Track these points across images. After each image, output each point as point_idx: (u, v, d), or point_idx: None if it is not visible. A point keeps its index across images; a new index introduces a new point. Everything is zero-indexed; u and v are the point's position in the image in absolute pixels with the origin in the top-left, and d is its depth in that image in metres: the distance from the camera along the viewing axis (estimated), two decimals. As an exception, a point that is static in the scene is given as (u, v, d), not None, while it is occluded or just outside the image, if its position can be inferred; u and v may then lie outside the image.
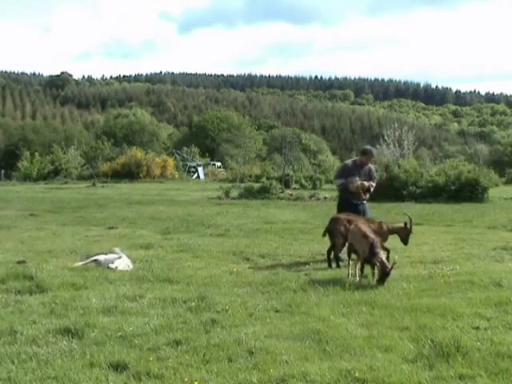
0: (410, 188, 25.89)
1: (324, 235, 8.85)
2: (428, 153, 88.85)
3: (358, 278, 7.25)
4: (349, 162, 9.91)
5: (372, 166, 9.70)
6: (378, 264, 6.92)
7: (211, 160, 78.40)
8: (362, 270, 7.21)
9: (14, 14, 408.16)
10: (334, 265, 8.39)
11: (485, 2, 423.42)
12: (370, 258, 7.01)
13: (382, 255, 7.05)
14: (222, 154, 71.80)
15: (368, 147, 9.98)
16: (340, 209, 9.43)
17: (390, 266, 6.87)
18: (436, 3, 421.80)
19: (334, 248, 8.46)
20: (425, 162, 62.97)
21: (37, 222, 15.21)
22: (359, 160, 9.56)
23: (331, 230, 8.64)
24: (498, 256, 9.25)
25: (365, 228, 7.55)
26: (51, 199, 26.15)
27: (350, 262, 7.64)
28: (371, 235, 7.28)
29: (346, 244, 8.09)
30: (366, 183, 9.24)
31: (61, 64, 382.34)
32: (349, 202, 9.32)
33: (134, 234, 12.50)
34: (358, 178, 9.25)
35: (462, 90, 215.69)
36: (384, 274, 6.86)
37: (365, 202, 9.45)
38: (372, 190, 9.42)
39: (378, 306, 5.83)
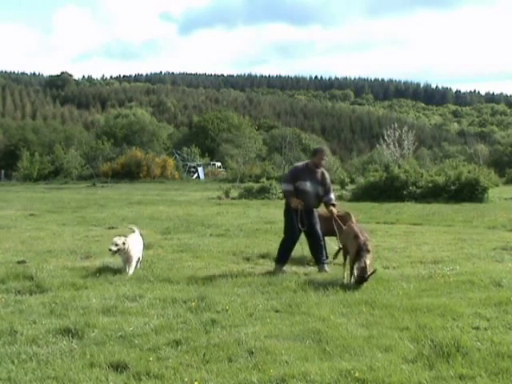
0: (410, 188, 25.92)
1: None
2: (428, 153, 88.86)
3: (346, 279, 7.21)
4: (300, 164, 8.85)
5: (325, 172, 8.51)
6: (359, 266, 6.92)
7: (211, 160, 78.38)
8: (351, 270, 7.18)
9: (15, 14, 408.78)
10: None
11: (484, 3, 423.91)
12: (355, 258, 7.02)
13: (367, 259, 6.98)
14: (222, 154, 71.85)
15: (318, 146, 8.67)
16: (287, 216, 8.38)
17: (368, 273, 6.82)
18: (436, 4, 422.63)
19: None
20: (425, 162, 63.07)
21: (37, 222, 15.21)
22: (311, 162, 8.44)
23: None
24: (498, 256, 9.24)
25: (357, 229, 7.57)
26: (51, 199, 26.16)
27: (346, 264, 7.63)
28: (361, 237, 7.30)
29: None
30: (334, 211, 8.34)
31: (61, 64, 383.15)
32: (295, 210, 8.22)
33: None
34: (309, 184, 8.20)
35: (462, 90, 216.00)
36: (360, 279, 6.84)
37: (315, 211, 8.46)
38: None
39: (378, 306, 5.83)
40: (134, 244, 7.86)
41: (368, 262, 6.94)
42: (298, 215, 8.17)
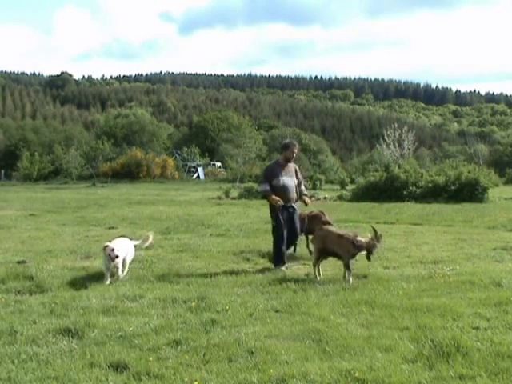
0: (410, 188, 25.90)
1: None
2: (428, 153, 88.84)
3: (350, 279, 7.14)
4: (271, 163, 9.30)
5: (297, 166, 8.86)
6: (362, 248, 7.16)
7: (211, 160, 78.37)
8: (349, 268, 7.18)
9: (15, 14, 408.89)
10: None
11: (484, 3, 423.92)
12: (355, 252, 7.18)
13: (361, 239, 7.23)
14: (222, 154, 71.81)
15: (288, 140, 9.19)
16: (272, 216, 8.61)
17: (370, 240, 7.12)
18: (435, 4, 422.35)
19: None
20: (425, 162, 63.05)
21: (37, 222, 15.21)
22: (282, 158, 8.70)
23: None
24: (497, 256, 9.24)
25: (335, 229, 7.71)
26: (51, 199, 26.16)
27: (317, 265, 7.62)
28: (346, 233, 7.45)
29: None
30: (308, 201, 8.74)
31: (61, 64, 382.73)
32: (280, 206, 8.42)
33: (134, 234, 12.48)
34: (284, 178, 8.45)
35: (462, 90, 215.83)
36: (370, 248, 7.12)
37: (294, 205, 8.60)
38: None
39: (378, 306, 5.83)
40: (120, 248, 7.55)
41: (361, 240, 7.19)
42: (280, 212, 8.40)
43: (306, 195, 8.86)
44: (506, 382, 3.91)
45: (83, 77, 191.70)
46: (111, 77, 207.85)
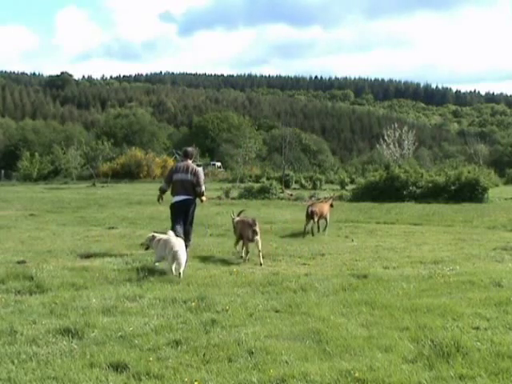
0: (410, 188, 25.91)
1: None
2: (428, 153, 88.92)
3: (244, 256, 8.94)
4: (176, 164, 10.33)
5: (195, 166, 9.96)
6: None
7: (211, 160, 78.35)
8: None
9: (15, 15, 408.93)
10: None
11: (484, 4, 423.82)
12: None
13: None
14: (222, 154, 71.73)
15: (185, 148, 10.44)
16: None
17: None
18: (435, 5, 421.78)
19: None
20: (425, 162, 63.10)
21: (37, 222, 15.21)
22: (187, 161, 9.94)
23: None
24: (498, 256, 9.25)
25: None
26: (51, 199, 26.14)
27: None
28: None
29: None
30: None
31: (61, 64, 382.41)
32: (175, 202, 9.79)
33: (134, 234, 12.49)
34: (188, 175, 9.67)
35: (462, 90, 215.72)
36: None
37: (188, 197, 9.74)
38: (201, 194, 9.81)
39: (378, 306, 5.83)
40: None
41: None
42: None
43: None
44: (506, 382, 3.91)
45: (83, 77, 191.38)
46: (111, 77, 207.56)
